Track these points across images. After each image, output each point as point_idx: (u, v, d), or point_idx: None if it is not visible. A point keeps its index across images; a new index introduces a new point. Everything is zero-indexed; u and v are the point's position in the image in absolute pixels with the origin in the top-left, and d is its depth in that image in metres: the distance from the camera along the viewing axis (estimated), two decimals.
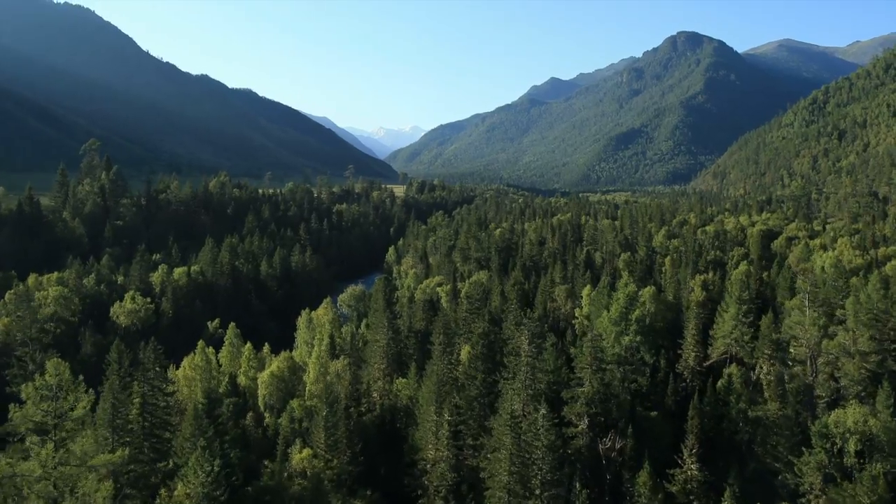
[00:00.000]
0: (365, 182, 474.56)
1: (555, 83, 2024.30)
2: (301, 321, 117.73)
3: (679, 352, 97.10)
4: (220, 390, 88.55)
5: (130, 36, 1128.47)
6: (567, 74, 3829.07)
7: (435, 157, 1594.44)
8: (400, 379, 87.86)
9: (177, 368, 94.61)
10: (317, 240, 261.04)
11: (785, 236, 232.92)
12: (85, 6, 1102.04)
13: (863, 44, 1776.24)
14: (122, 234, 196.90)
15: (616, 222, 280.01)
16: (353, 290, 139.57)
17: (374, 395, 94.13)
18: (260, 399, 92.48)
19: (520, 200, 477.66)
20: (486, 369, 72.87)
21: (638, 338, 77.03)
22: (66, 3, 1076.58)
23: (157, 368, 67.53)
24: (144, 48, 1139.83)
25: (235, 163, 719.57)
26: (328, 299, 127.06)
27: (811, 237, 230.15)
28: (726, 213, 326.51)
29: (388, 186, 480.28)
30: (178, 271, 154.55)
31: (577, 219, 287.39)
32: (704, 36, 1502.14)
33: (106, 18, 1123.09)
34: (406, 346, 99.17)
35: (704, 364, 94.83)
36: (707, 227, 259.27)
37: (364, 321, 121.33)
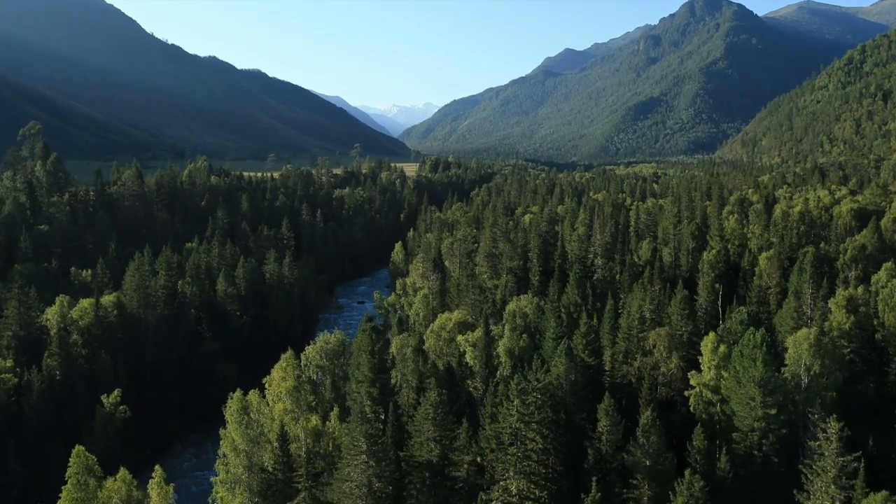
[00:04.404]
0: (373, 161, 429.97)
1: (569, 54, 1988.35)
2: (230, 411, 64.87)
3: None
4: None
5: (134, 19, 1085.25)
6: (581, 45, 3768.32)
7: (449, 133, 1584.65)
8: None
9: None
10: (309, 237, 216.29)
11: (890, 217, 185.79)
12: None
13: (887, 2, 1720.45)
14: (48, 243, 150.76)
15: (660, 201, 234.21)
16: (324, 340, 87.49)
17: None
18: None
19: (542, 177, 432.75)
20: None
21: None
22: None
23: None
24: (149, 30, 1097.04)
25: (243, 145, 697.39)
26: (288, 356, 75.26)
27: None
28: (785, 187, 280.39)
29: (398, 165, 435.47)
30: (84, 303, 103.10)
31: (616, 198, 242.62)
32: (723, 0, 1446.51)
33: (108, 1, 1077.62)
34: (408, 484, 53.25)
35: None
36: (780, 206, 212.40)
37: (337, 405, 72.08)
